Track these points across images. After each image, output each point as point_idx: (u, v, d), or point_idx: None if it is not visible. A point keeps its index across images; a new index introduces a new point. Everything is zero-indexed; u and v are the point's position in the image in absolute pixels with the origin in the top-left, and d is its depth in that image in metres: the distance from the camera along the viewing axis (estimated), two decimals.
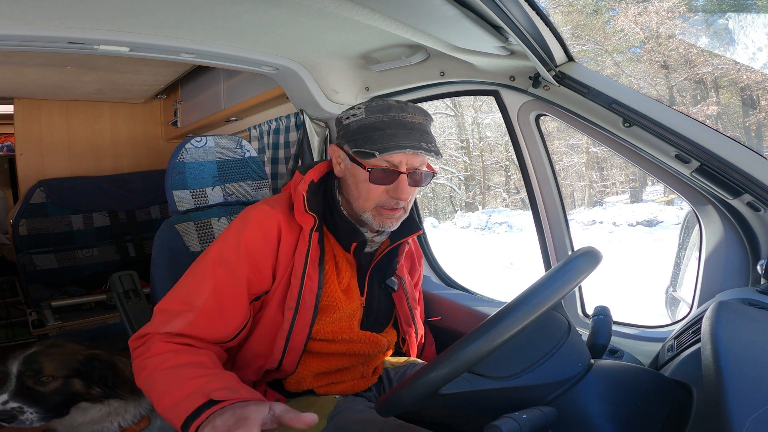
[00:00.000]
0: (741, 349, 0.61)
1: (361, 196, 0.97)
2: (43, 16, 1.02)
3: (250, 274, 0.92)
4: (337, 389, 1.04)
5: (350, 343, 1.02)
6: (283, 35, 1.26)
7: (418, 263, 1.29)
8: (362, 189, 0.97)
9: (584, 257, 0.68)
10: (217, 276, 0.90)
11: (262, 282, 0.95)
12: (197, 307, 0.88)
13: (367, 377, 1.09)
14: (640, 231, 9.86)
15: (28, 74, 2.11)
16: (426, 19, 0.98)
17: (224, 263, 0.91)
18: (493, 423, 0.58)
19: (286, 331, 0.96)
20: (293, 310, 0.95)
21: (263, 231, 0.95)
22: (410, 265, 1.25)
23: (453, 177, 15.98)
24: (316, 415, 0.63)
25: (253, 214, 0.96)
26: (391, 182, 0.95)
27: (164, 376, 0.80)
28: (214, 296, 0.89)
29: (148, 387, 0.82)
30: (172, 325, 0.86)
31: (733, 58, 10.97)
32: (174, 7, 1.04)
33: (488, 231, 11.98)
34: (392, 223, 0.99)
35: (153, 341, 0.85)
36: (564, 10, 13.44)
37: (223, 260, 0.91)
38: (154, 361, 0.82)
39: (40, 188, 2.55)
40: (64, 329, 2.37)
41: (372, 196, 0.96)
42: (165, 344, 0.85)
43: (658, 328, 1.25)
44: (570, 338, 0.72)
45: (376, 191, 0.96)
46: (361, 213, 0.99)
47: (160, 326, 0.87)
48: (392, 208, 0.97)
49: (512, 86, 1.27)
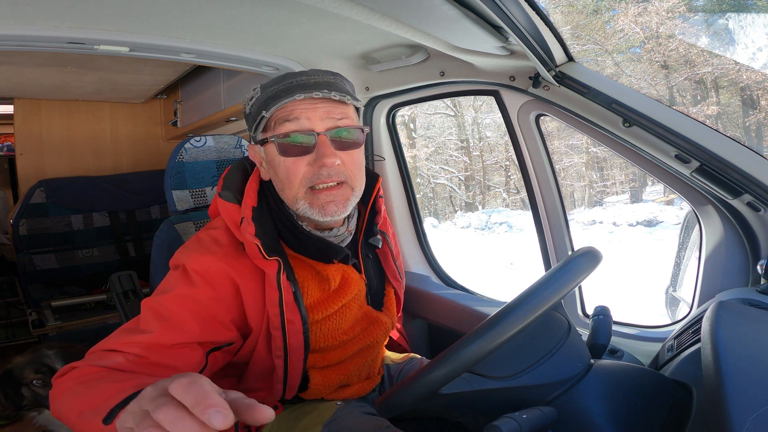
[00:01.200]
0: (741, 349, 0.61)
1: (284, 184, 0.82)
2: (43, 16, 1.02)
3: (201, 334, 0.77)
4: (346, 393, 1.00)
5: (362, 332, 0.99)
6: (283, 35, 1.26)
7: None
8: (281, 173, 0.82)
9: (584, 257, 0.68)
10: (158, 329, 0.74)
11: (218, 337, 0.80)
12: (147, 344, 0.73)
13: (372, 377, 1.07)
14: (640, 231, 9.86)
15: (28, 74, 2.11)
16: (426, 19, 0.98)
17: (166, 320, 0.75)
18: (493, 423, 0.58)
19: (281, 375, 0.88)
20: (282, 358, 0.86)
21: (214, 290, 0.79)
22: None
23: (453, 177, 15.98)
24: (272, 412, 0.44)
25: (194, 270, 0.78)
26: (309, 151, 0.79)
27: (88, 382, 0.66)
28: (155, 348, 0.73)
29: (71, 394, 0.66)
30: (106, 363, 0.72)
31: (733, 58, 10.97)
32: (174, 7, 1.04)
33: (488, 231, 11.98)
34: (335, 207, 0.82)
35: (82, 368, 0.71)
36: (564, 10, 13.43)
37: (165, 318, 0.76)
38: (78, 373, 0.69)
39: (40, 188, 2.55)
40: (64, 329, 2.37)
41: (293, 175, 0.80)
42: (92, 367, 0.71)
43: (658, 328, 1.25)
44: (570, 338, 0.72)
45: (296, 167, 0.80)
46: (294, 206, 0.84)
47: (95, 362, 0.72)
48: (325, 181, 0.80)
49: (512, 86, 1.27)
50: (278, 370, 0.88)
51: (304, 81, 0.82)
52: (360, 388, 1.03)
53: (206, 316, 0.78)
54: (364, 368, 1.04)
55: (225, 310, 0.81)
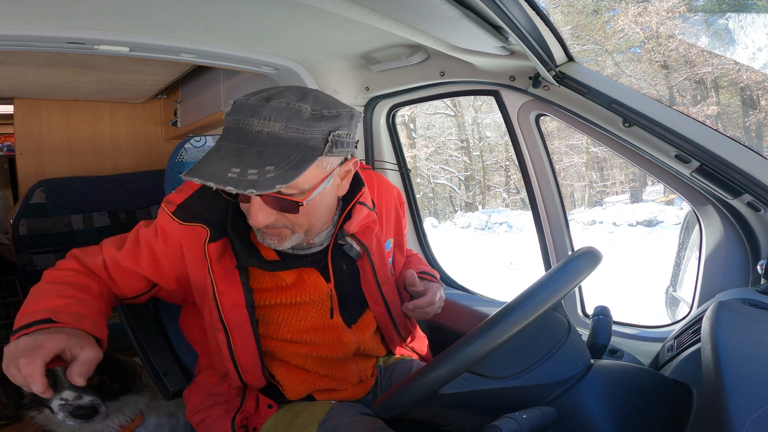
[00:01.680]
0: (741, 349, 0.61)
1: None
2: (43, 16, 1.02)
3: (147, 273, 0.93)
4: (337, 396, 0.99)
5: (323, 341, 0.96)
6: (283, 35, 1.26)
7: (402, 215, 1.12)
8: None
9: (584, 257, 0.68)
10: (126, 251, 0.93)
11: (161, 282, 0.95)
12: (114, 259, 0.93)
13: (366, 380, 1.04)
14: (640, 231, 9.86)
15: (28, 74, 2.11)
16: (426, 19, 0.98)
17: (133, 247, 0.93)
18: (493, 423, 0.58)
19: (227, 351, 0.90)
20: (222, 331, 0.89)
21: (165, 246, 0.90)
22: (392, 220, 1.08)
23: (453, 177, 15.98)
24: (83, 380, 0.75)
25: (159, 224, 0.91)
26: (244, 200, 0.80)
27: (46, 288, 0.86)
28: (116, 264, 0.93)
29: (33, 291, 0.87)
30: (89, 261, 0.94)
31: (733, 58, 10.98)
32: (174, 7, 1.04)
33: (488, 231, 11.99)
34: (271, 240, 0.83)
35: (68, 261, 0.94)
36: (564, 10, 13.44)
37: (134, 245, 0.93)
38: (53, 274, 0.91)
39: (40, 188, 2.55)
40: None
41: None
42: (75, 264, 0.93)
43: (658, 328, 1.25)
44: (570, 338, 0.72)
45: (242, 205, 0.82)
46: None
47: (83, 257, 0.94)
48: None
49: (512, 86, 1.27)
50: (222, 346, 0.90)
51: (247, 128, 0.73)
52: (354, 392, 1.01)
53: (154, 263, 0.92)
54: (353, 375, 1.01)
55: (169, 265, 0.92)
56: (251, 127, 0.72)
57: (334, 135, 0.75)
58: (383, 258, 1.01)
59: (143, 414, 1.26)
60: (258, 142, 0.72)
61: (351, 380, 1.01)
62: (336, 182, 0.85)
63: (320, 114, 0.74)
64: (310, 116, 0.73)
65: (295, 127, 0.72)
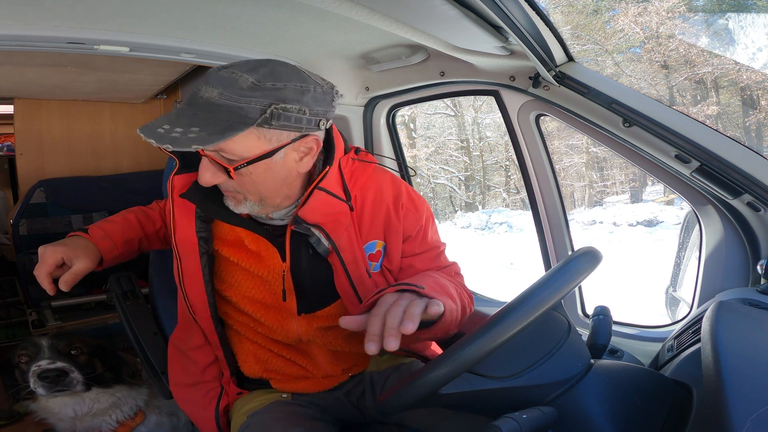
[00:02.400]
0: (741, 349, 0.61)
1: None
2: (43, 16, 1.02)
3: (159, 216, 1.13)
4: (297, 386, 1.00)
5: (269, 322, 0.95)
6: (283, 35, 1.26)
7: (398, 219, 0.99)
8: None
9: (584, 257, 0.68)
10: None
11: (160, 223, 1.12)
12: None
13: (336, 376, 1.00)
14: (640, 231, 9.86)
15: (28, 74, 2.11)
16: (426, 19, 0.98)
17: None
18: (493, 423, 0.58)
19: (182, 298, 0.98)
20: (179, 278, 0.97)
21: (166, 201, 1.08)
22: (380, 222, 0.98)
23: (453, 177, 15.98)
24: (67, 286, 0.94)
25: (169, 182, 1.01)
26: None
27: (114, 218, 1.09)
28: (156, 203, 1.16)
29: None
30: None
31: (733, 58, 10.98)
32: (174, 7, 1.04)
33: (488, 231, 11.99)
34: (233, 203, 0.88)
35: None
36: (564, 10, 13.44)
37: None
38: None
39: (40, 188, 2.55)
40: (64, 329, 2.37)
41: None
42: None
43: (658, 328, 1.25)
44: (570, 338, 0.72)
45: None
46: None
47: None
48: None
49: (512, 86, 1.27)
50: (180, 294, 0.98)
51: (195, 94, 0.78)
52: (316, 384, 1.01)
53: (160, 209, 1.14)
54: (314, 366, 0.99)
55: (159, 217, 1.12)
56: (199, 92, 0.78)
57: (276, 108, 0.75)
58: (357, 257, 0.94)
59: (144, 412, 1.26)
60: (196, 106, 0.77)
61: (312, 371, 1.00)
62: (291, 157, 0.83)
63: (261, 86, 0.75)
64: (249, 86, 0.75)
65: (229, 95, 0.75)
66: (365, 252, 0.97)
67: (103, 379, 1.21)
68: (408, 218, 1.00)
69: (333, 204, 0.91)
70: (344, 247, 0.93)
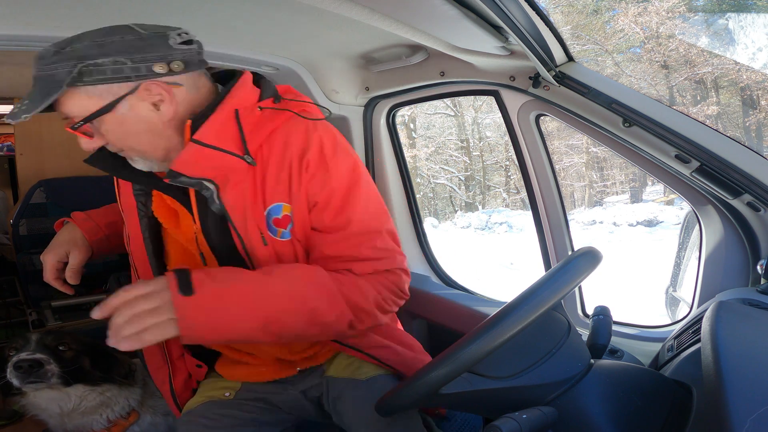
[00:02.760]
0: (741, 349, 0.61)
1: None
2: (43, 16, 1.02)
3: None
4: (249, 373, 0.98)
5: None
6: (283, 35, 1.26)
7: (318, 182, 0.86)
8: None
9: (584, 257, 0.68)
10: None
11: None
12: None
13: (284, 361, 0.97)
14: (640, 231, 9.87)
15: (28, 74, 2.10)
16: (426, 19, 0.98)
17: None
18: (493, 423, 0.58)
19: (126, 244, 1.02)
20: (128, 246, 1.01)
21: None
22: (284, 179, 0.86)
23: (453, 177, 15.99)
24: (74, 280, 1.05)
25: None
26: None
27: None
28: None
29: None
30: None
31: (733, 58, 10.98)
32: (174, 7, 1.04)
33: (488, 231, 11.99)
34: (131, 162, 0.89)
35: None
36: (564, 10, 13.45)
37: None
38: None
39: (40, 188, 2.55)
40: (64, 329, 2.37)
41: None
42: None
43: (658, 328, 1.25)
44: (570, 338, 0.72)
45: None
46: None
47: None
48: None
49: (512, 86, 1.27)
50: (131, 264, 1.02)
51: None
52: (268, 371, 0.98)
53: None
54: (263, 352, 0.96)
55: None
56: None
57: (83, 66, 0.78)
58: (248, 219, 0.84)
59: (138, 411, 1.26)
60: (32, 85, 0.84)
61: (262, 357, 0.97)
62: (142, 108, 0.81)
63: (61, 51, 0.79)
64: (51, 54, 0.80)
65: (40, 66, 0.82)
66: (270, 216, 0.85)
67: (91, 377, 1.21)
68: (314, 180, 0.85)
69: (216, 157, 0.80)
70: (233, 206, 0.83)
